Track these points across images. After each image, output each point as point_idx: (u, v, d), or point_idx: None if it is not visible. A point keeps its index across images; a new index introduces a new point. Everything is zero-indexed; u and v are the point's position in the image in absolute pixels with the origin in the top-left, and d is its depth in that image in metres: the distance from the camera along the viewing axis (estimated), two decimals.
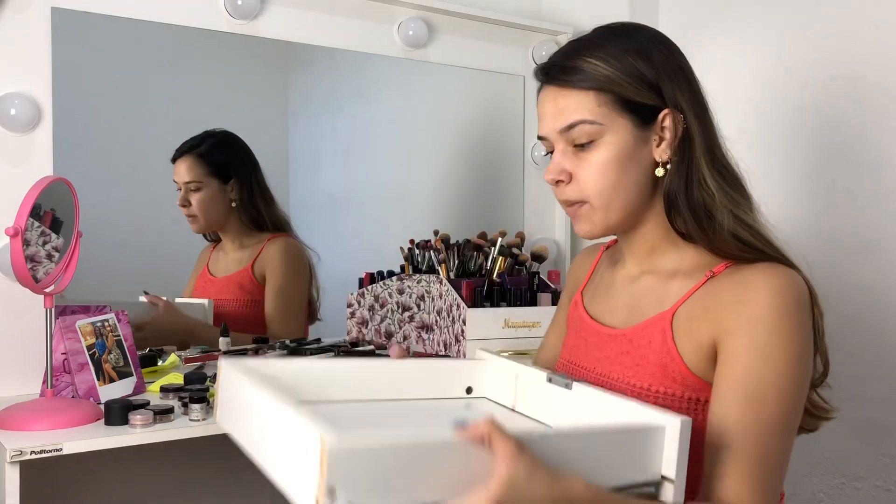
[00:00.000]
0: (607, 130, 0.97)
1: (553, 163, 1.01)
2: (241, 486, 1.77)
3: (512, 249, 1.78)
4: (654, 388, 0.96)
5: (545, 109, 1.02)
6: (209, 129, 1.86)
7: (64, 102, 1.50)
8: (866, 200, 1.70)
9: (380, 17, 1.87)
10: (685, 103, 0.99)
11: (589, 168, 0.98)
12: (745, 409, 0.89)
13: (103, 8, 1.54)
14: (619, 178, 0.98)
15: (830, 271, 1.74)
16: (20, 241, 1.17)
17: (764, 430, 0.89)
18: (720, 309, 0.94)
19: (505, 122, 2.16)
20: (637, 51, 0.98)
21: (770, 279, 0.92)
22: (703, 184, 0.98)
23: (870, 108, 1.69)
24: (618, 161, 0.98)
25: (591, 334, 1.09)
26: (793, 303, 0.92)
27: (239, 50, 1.84)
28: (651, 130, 0.99)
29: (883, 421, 1.67)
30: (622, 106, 0.97)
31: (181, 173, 1.84)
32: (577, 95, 0.98)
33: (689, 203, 0.98)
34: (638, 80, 0.97)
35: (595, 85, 0.97)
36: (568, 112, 0.98)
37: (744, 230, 0.98)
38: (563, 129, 0.99)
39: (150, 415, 1.19)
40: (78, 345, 1.29)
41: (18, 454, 1.08)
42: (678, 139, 0.99)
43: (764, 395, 0.89)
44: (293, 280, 1.93)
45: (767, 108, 1.88)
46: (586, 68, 0.97)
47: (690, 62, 1.04)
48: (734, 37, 1.95)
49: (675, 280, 1.01)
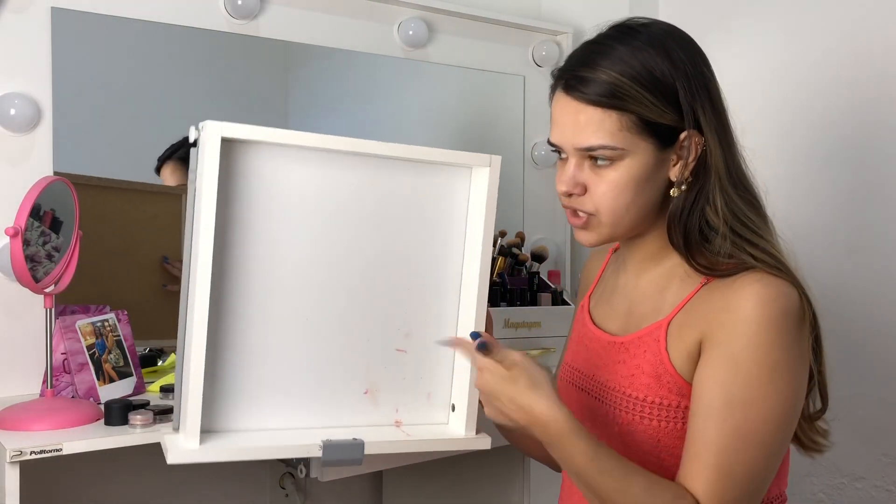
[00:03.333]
0: (628, 154, 0.94)
1: (567, 174, 0.97)
2: (241, 486, 1.77)
3: (512, 249, 1.78)
4: (650, 398, 0.96)
5: (563, 119, 0.97)
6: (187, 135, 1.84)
7: (64, 102, 1.50)
8: (866, 200, 1.70)
9: (380, 17, 1.87)
10: (706, 122, 0.95)
11: (605, 186, 0.95)
12: (710, 419, 0.90)
13: (103, 8, 1.54)
14: (635, 199, 0.96)
15: (830, 271, 1.74)
16: (20, 241, 1.17)
17: (727, 443, 0.89)
18: (708, 315, 0.93)
19: (505, 123, 2.16)
20: (657, 58, 0.94)
21: (758, 289, 0.90)
22: (712, 209, 0.96)
23: (870, 108, 1.69)
24: (636, 182, 0.95)
25: (591, 340, 1.09)
26: (778, 315, 0.90)
27: (239, 50, 1.84)
28: (671, 150, 0.96)
29: (883, 421, 1.67)
30: (644, 128, 0.93)
31: (166, 179, 1.81)
32: (599, 115, 0.93)
33: (686, 226, 0.97)
34: (658, 94, 0.93)
35: (616, 104, 0.92)
36: (588, 132, 0.94)
37: (747, 251, 0.95)
38: (583, 149, 0.95)
39: (150, 415, 1.19)
40: (78, 345, 1.29)
41: (18, 454, 1.08)
42: (695, 161, 0.96)
43: (731, 408, 0.89)
44: None
45: (767, 108, 1.88)
46: (605, 80, 0.92)
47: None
48: (734, 37, 1.95)
49: (672, 287, 1.00)
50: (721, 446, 0.89)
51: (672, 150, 0.96)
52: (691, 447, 0.91)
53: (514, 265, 1.77)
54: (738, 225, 0.96)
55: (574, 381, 1.10)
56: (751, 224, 0.97)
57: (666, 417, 0.95)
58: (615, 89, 0.92)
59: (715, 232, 0.96)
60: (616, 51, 0.94)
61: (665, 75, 0.93)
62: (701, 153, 0.96)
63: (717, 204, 0.96)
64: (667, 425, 0.95)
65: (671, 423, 0.95)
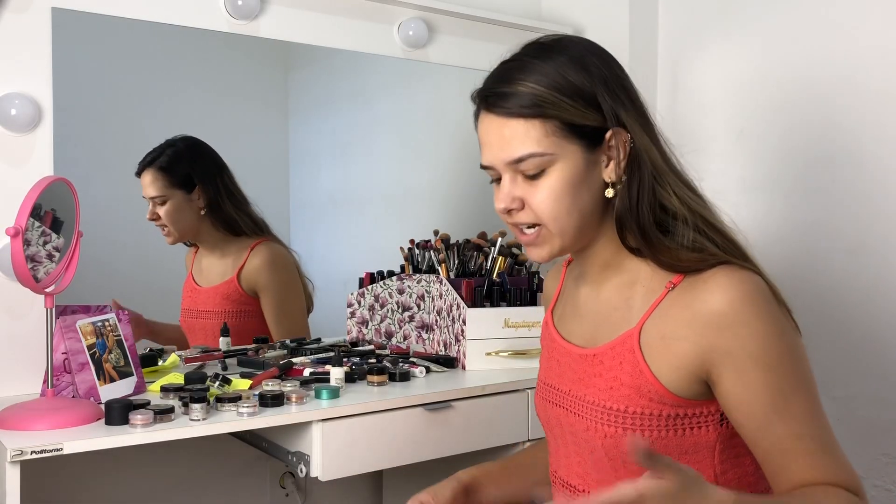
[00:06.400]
0: (558, 159, 0.95)
1: (502, 192, 0.98)
2: (241, 485, 1.77)
3: (512, 249, 1.78)
4: (631, 409, 0.95)
5: (489, 139, 0.98)
6: (170, 138, 1.82)
7: (64, 102, 1.50)
8: (865, 200, 1.70)
9: (380, 18, 1.87)
10: (628, 118, 0.97)
11: (540, 195, 0.96)
12: (785, 420, 0.90)
13: (103, 8, 1.54)
14: (573, 203, 0.96)
15: (830, 271, 1.75)
16: (20, 241, 1.17)
17: (810, 423, 0.91)
18: (701, 329, 0.93)
19: None
20: (572, 66, 0.96)
21: (737, 287, 0.92)
22: (661, 199, 0.97)
23: (870, 108, 1.69)
24: (570, 186, 0.96)
25: (562, 354, 1.07)
26: (762, 302, 0.92)
27: (239, 50, 1.84)
28: (600, 152, 0.97)
29: (883, 421, 1.67)
30: (569, 131, 0.95)
31: (146, 187, 1.80)
32: (523, 125, 0.94)
33: (639, 222, 0.97)
34: (578, 99, 0.95)
35: (537, 112, 0.94)
36: (515, 144, 0.95)
37: (708, 235, 0.97)
38: (513, 161, 0.96)
39: (151, 415, 1.19)
40: (78, 344, 1.29)
41: (19, 454, 1.08)
42: (627, 158, 0.97)
43: (785, 397, 0.90)
44: (289, 292, 1.90)
45: (767, 108, 1.88)
46: (524, 92, 0.94)
47: (690, 62, 1.03)
48: (734, 36, 1.95)
49: (636, 294, 1.00)
50: (807, 429, 0.91)
51: (601, 152, 0.97)
52: (785, 455, 0.91)
53: (514, 265, 1.77)
54: (693, 205, 0.98)
55: (550, 398, 1.08)
56: (702, 203, 1.00)
57: (649, 426, 0.94)
58: (535, 99, 0.94)
59: (673, 219, 0.97)
60: (532, 64, 0.96)
61: (582, 81, 0.95)
62: (630, 150, 0.97)
63: (665, 191, 0.98)
64: (650, 434, 0.94)
65: (655, 431, 0.94)
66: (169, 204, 1.81)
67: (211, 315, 1.85)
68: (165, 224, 1.82)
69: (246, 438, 1.48)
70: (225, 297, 1.85)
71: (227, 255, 1.88)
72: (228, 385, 1.40)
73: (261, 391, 1.33)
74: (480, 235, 1.84)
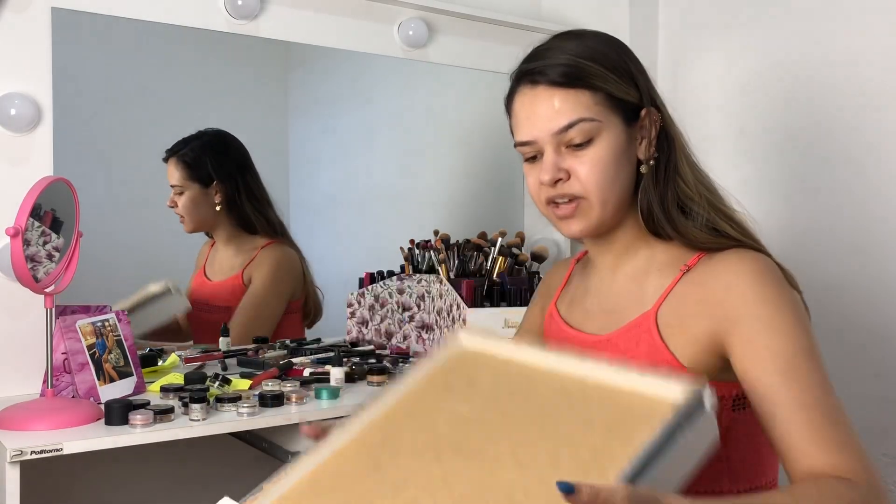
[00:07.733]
0: (604, 128, 0.99)
1: (547, 163, 1.00)
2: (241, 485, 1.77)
3: (512, 249, 1.78)
4: None
5: (535, 111, 1.01)
6: (203, 129, 1.85)
7: (64, 102, 1.50)
8: (866, 200, 1.70)
9: (380, 17, 1.87)
10: (659, 100, 1.04)
11: (588, 164, 0.99)
12: (789, 386, 0.88)
13: (103, 8, 1.54)
14: (616, 174, 1.00)
15: (830, 271, 1.75)
16: (20, 241, 1.17)
17: (817, 395, 0.88)
18: (714, 303, 0.95)
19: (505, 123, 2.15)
20: (610, 46, 1.02)
21: (748, 263, 0.95)
22: (683, 180, 1.02)
23: (870, 109, 1.69)
24: (615, 156, 1.00)
25: (573, 343, 1.08)
26: (772, 276, 0.95)
27: (239, 50, 1.84)
28: (636, 128, 1.02)
29: (883, 421, 1.67)
30: (613, 104, 1.00)
31: (169, 175, 1.85)
32: (573, 94, 0.99)
33: (664, 202, 1.01)
34: (622, 74, 1.00)
35: (586, 83, 0.98)
36: (565, 110, 0.98)
37: (722, 220, 1.01)
38: (561, 130, 0.99)
39: (151, 415, 1.19)
40: (78, 344, 1.29)
41: (18, 454, 1.08)
42: (657, 137, 1.02)
43: (792, 364, 0.89)
44: (268, 289, 1.89)
45: (767, 108, 1.88)
46: (572, 64, 0.99)
47: (689, 62, 1.05)
48: (734, 36, 1.95)
49: (650, 278, 1.03)
50: (813, 401, 0.88)
51: (635, 129, 1.02)
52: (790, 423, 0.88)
53: (514, 265, 1.77)
54: (707, 192, 1.03)
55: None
56: (715, 191, 1.05)
57: None
58: (580, 71, 0.99)
59: (691, 201, 1.01)
60: (567, 44, 1.02)
61: (621, 59, 1.02)
62: (660, 129, 1.03)
63: (685, 173, 1.03)
64: None
65: None
66: (186, 195, 1.85)
67: (217, 310, 1.86)
68: (182, 214, 1.86)
69: (246, 438, 1.47)
70: (231, 292, 1.86)
71: (240, 252, 1.91)
72: (228, 385, 1.40)
73: (261, 391, 1.33)
74: (480, 235, 1.84)
